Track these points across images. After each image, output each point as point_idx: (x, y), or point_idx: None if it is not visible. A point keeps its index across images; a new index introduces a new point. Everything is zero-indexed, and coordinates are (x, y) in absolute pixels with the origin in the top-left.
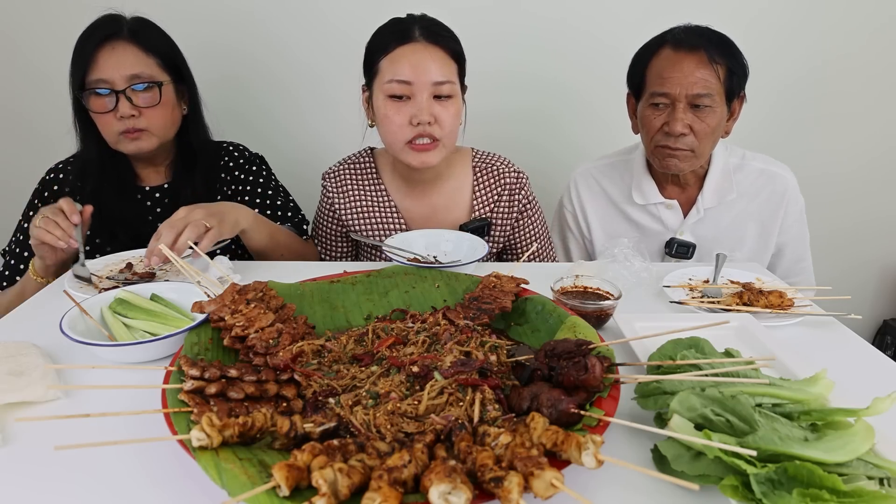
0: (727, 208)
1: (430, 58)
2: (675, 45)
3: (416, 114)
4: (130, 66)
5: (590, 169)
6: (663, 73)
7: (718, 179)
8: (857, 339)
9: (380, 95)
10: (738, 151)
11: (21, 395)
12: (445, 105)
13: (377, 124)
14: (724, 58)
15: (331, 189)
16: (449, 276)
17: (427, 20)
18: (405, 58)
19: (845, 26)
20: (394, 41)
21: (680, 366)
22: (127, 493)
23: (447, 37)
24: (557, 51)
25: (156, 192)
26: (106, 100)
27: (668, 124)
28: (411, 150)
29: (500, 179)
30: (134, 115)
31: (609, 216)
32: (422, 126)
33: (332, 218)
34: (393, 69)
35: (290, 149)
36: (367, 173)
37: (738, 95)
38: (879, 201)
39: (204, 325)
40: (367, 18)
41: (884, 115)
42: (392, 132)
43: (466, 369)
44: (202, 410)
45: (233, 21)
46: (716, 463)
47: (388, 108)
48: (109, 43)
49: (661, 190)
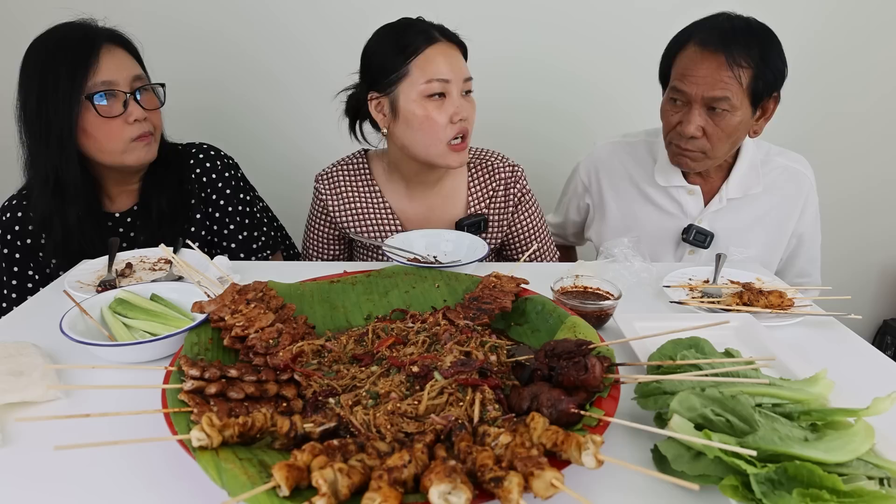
0: (749, 202)
1: (455, 55)
2: (701, 43)
3: (455, 111)
4: (131, 67)
5: (613, 145)
6: (683, 71)
7: (745, 172)
8: (857, 339)
9: (414, 97)
10: (764, 146)
11: (21, 395)
12: (470, 101)
13: (409, 129)
14: (750, 61)
15: (323, 191)
16: (449, 276)
17: (429, 22)
18: (440, 55)
19: (845, 26)
20: (423, 42)
21: (680, 366)
22: (127, 493)
23: (456, 36)
24: (571, 40)
25: (127, 217)
26: (113, 104)
27: (682, 124)
28: (452, 151)
29: (495, 174)
30: (146, 118)
31: (628, 195)
32: (461, 122)
33: (324, 220)
34: (428, 69)
35: (275, 157)
36: (360, 175)
37: (768, 97)
38: (880, 201)
39: (204, 325)
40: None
41: (885, 116)
42: (434, 132)
43: (466, 369)
44: (202, 410)
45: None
46: (716, 463)
47: (430, 109)
48: (106, 46)
49: (684, 175)
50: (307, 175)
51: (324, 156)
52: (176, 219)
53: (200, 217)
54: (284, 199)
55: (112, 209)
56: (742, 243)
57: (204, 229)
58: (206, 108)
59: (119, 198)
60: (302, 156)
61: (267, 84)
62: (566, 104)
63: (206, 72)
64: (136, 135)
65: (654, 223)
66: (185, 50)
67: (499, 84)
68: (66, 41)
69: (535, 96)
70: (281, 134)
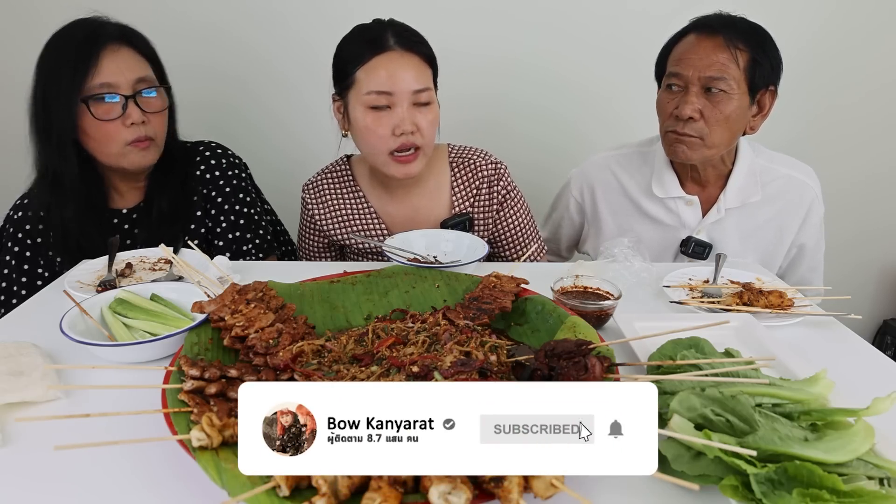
0: (748, 212)
1: (407, 66)
2: (698, 29)
3: (398, 124)
4: (135, 69)
5: (605, 158)
6: (680, 56)
7: (744, 179)
8: (857, 339)
9: (357, 107)
10: (766, 153)
11: (21, 395)
12: (424, 112)
13: (355, 135)
14: (748, 45)
15: (310, 201)
16: (449, 276)
17: (398, 26)
18: (383, 67)
19: (845, 26)
20: (369, 51)
21: (680, 366)
22: (127, 493)
23: (420, 42)
24: (567, 43)
25: (133, 213)
26: (111, 106)
27: (679, 108)
28: (394, 162)
29: (477, 172)
30: (144, 121)
31: (623, 209)
32: (405, 136)
33: (313, 230)
34: (371, 80)
35: (273, 159)
36: (344, 181)
37: (764, 88)
38: (880, 201)
39: (204, 325)
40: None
41: (885, 117)
42: (373, 144)
43: (466, 369)
44: (202, 410)
45: (212, 32)
46: (716, 463)
47: (369, 120)
48: (110, 46)
49: (681, 184)
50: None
51: (312, 162)
52: (177, 218)
53: (201, 214)
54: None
55: (121, 205)
56: (740, 253)
57: (203, 227)
58: (210, 103)
59: (128, 194)
60: (306, 152)
61: (274, 80)
62: (561, 108)
63: (212, 66)
64: (132, 138)
65: (651, 236)
66: (193, 42)
67: (493, 86)
68: (72, 40)
69: (530, 99)
70: (286, 130)
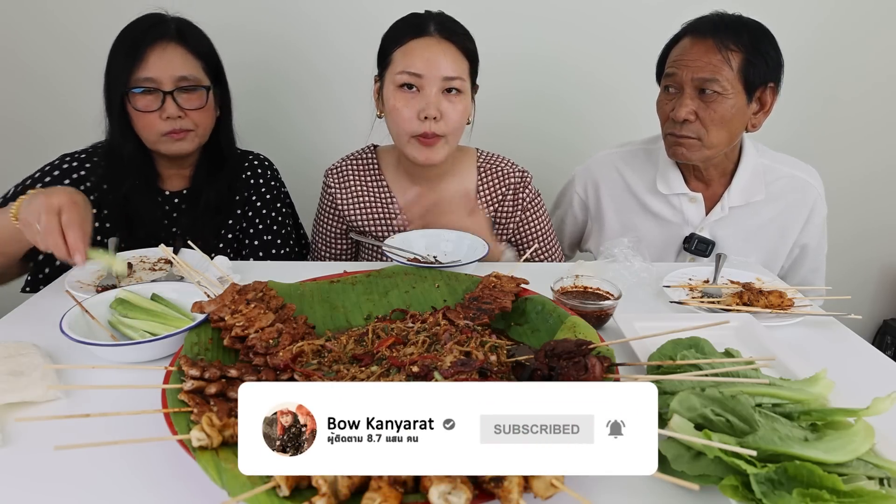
0: (751, 211)
1: (442, 52)
2: (691, 33)
3: (423, 108)
4: (179, 67)
5: (610, 156)
6: (675, 59)
7: (748, 178)
8: (857, 339)
9: (390, 86)
10: (769, 153)
11: (21, 395)
12: (454, 101)
13: (385, 115)
14: (740, 46)
15: (333, 185)
16: (449, 276)
17: (443, 17)
18: (418, 50)
19: (843, 24)
20: (408, 34)
21: (680, 366)
22: (127, 493)
23: (461, 34)
24: (576, 36)
25: (175, 198)
26: (151, 99)
27: (675, 110)
28: (417, 144)
29: (504, 179)
30: (180, 116)
31: (627, 206)
32: (429, 122)
33: (333, 214)
34: (405, 61)
35: (296, 148)
36: (369, 169)
37: (763, 86)
38: (880, 200)
39: (204, 325)
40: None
41: (884, 116)
42: (399, 123)
43: (466, 369)
44: (202, 410)
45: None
46: (716, 463)
47: (398, 99)
48: (160, 43)
49: (685, 181)
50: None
51: (333, 152)
52: (219, 210)
53: (240, 213)
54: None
55: (164, 187)
56: (742, 252)
57: (239, 225)
58: None
59: (170, 179)
60: (327, 142)
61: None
62: (570, 101)
63: None
64: (167, 130)
65: (654, 233)
66: None
67: (502, 81)
68: (131, 34)
69: (539, 93)
70: (296, 126)
